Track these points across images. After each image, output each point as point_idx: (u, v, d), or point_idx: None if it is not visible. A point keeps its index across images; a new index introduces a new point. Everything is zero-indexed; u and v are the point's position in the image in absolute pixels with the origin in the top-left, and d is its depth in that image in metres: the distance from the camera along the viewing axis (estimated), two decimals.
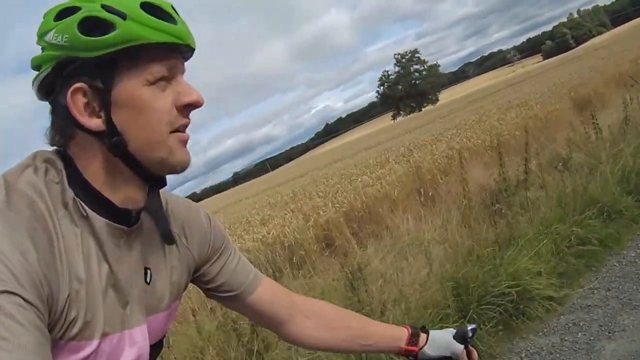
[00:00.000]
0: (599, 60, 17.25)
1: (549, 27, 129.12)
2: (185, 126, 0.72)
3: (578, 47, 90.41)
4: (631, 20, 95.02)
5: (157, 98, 0.69)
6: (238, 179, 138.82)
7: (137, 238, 0.75)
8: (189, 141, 0.74)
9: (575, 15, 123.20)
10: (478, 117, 12.33)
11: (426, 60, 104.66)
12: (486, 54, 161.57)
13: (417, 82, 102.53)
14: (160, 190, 0.79)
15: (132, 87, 0.67)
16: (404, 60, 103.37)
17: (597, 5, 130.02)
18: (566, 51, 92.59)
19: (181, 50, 0.72)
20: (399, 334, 1.04)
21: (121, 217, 0.71)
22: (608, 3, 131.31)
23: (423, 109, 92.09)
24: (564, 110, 8.24)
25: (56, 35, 0.66)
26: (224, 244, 0.93)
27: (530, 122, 7.73)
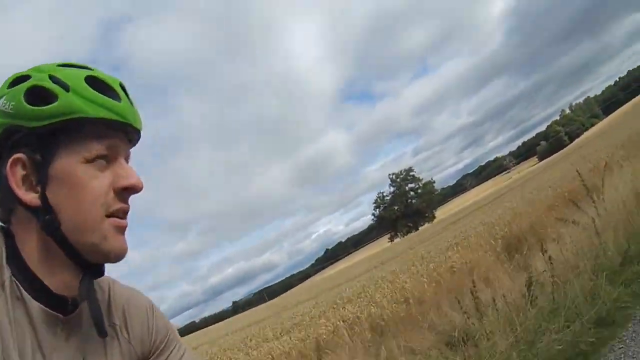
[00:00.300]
0: (575, 161, 15.74)
1: (543, 127, 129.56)
2: (124, 212, 0.69)
3: (572, 144, 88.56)
4: (622, 105, 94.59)
5: (93, 177, 0.66)
6: (237, 307, 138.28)
7: (76, 328, 0.70)
8: (126, 230, 0.71)
9: (568, 111, 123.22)
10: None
11: (421, 177, 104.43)
12: (483, 164, 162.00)
13: (413, 201, 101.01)
14: (106, 277, 0.75)
15: (68, 163, 0.65)
16: (398, 179, 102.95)
17: (588, 96, 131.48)
18: (561, 149, 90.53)
19: (126, 131, 0.70)
20: None
21: (58, 304, 0.67)
22: (599, 93, 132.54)
23: (420, 228, 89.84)
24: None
25: (5, 102, 0.66)
26: (168, 337, 0.84)
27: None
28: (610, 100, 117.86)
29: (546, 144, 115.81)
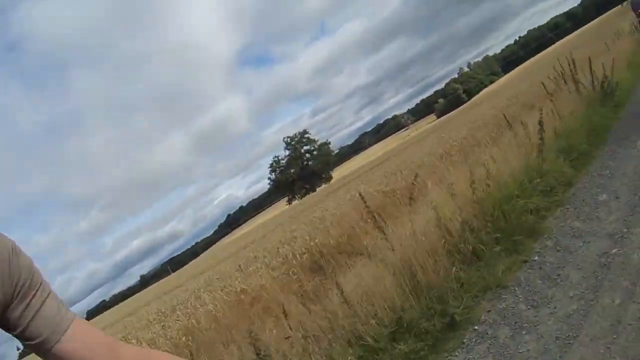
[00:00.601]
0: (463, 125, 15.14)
1: (441, 86, 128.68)
2: None
3: (470, 101, 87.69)
4: (523, 63, 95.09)
5: None
6: (145, 281, 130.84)
7: None
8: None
9: (466, 69, 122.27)
10: None
11: (316, 139, 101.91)
12: (381, 122, 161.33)
13: (309, 163, 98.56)
14: None
15: None
16: (293, 142, 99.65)
17: (487, 55, 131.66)
18: (459, 106, 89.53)
19: None
20: None
21: None
22: (498, 51, 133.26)
23: (317, 189, 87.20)
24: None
25: None
26: (31, 279, 0.79)
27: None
28: (510, 58, 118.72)
29: (444, 101, 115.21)
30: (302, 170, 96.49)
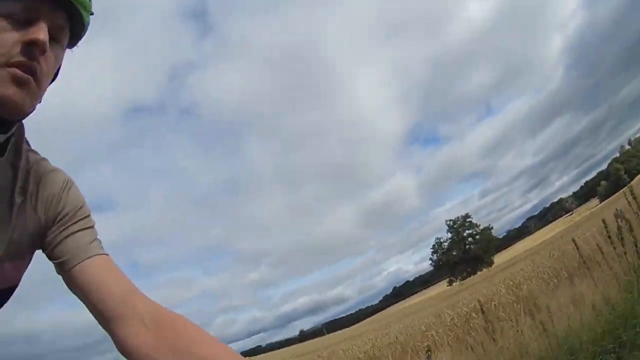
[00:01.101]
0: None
1: (604, 166, 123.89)
2: (28, 68, 0.69)
3: (632, 182, 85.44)
4: None
5: (1, 30, 0.67)
6: (304, 336, 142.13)
7: None
8: (30, 87, 0.70)
9: (627, 147, 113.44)
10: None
11: (478, 224, 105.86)
12: (547, 205, 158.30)
13: (471, 246, 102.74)
14: (33, 150, 0.80)
15: None
16: (455, 226, 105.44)
17: None
18: (621, 188, 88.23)
19: (58, 2, 0.71)
20: None
21: None
22: None
23: (478, 273, 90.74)
24: None
25: None
26: (76, 211, 0.83)
27: None
28: None
29: (606, 183, 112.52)
30: (464, 253, 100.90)
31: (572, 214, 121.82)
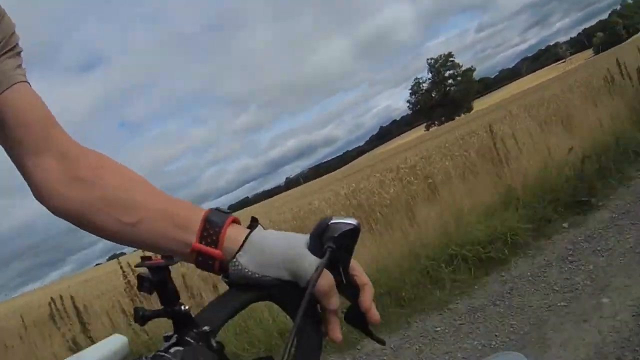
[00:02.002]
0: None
1: (606, 14, 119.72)
2: None
3: (629, 40, 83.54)
4: None
5: None
6: (290, 184, 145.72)
7: None
8: None
9: (629, 1, 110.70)
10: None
11: (460, 64, 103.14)
12: (543, 48, 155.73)
13: (451, 88, 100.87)
14: None
15: None
16: (437, 65, 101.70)
17: None
18: (618, 43, 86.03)
19: None
20: (187, 218, 0.61)
21: None
22: None
23: (456, 119, 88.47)
24: None
25: None
26: (8, 39, 0.71)
27: None
28: None
29: (602, 35, 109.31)
30: (443, 96, 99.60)
31: (564, 62, 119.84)
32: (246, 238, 0.58)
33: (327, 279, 0.56)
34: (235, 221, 0.61)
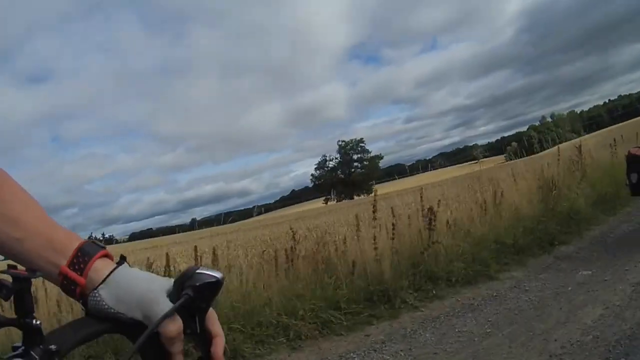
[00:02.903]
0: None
1: (525, 128, 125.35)
2: None
3: (541, 153, 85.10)
4: (603, 127, 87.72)
5: None
6: (193, 224, 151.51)
7: None
8: None
9: (548, 119, 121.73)
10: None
11: (370, 150, 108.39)
12: (462, 147, 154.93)
13: (357, 170, 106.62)
14: None
15: None
16: (347, 147, 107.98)
17: (574, 110, 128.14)
18: (530, 155, 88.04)
19: None
20: (64, 244, 0.66)
21: None
22: (588, 109, 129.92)
23: (355, 198, 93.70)
24: None
25: None
26: None
27: None
28: (594, 120, 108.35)
29: (516, 145, 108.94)
30: (347, 176, 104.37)
31: (476, 162, 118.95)
32: (110, 273, 0.63)
33: (175, 324, 0.60)
34: (107, 255, 0.67)
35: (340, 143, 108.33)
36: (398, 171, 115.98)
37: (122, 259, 0.67)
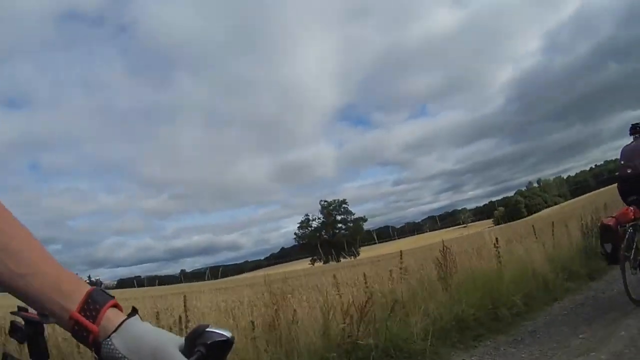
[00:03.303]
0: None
1: (512, 193, 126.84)
2: None
3: (528, 217, 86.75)
4: (589, 191, 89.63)
5: None
6: (183, 276, 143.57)
7: None
8: None
9: (535, 185, 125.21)
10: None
11: (354, 213, 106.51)
12: (450, 211, 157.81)
13: (341, 232, 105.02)
14: None
15: None
16: (330, 208, 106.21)
17: (561, 176, 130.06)
18: (517, 219, 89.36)
19: None
20: (72, 287, 0.65)
21: None
22: (575, 174, 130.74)
23: (342, 260, 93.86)
24: None
25: None
26: None
27: None
28: (580, 184, 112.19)
29: (503, 210, 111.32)
30: (330, 237, 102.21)
31: (465, 226, 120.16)
32: (122, 322, 0.64)
33: None
34: (116, 305, 0.66)
35: (322, 203, 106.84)
36: (387, 234, 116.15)
37: (134, 311, 0.67)
